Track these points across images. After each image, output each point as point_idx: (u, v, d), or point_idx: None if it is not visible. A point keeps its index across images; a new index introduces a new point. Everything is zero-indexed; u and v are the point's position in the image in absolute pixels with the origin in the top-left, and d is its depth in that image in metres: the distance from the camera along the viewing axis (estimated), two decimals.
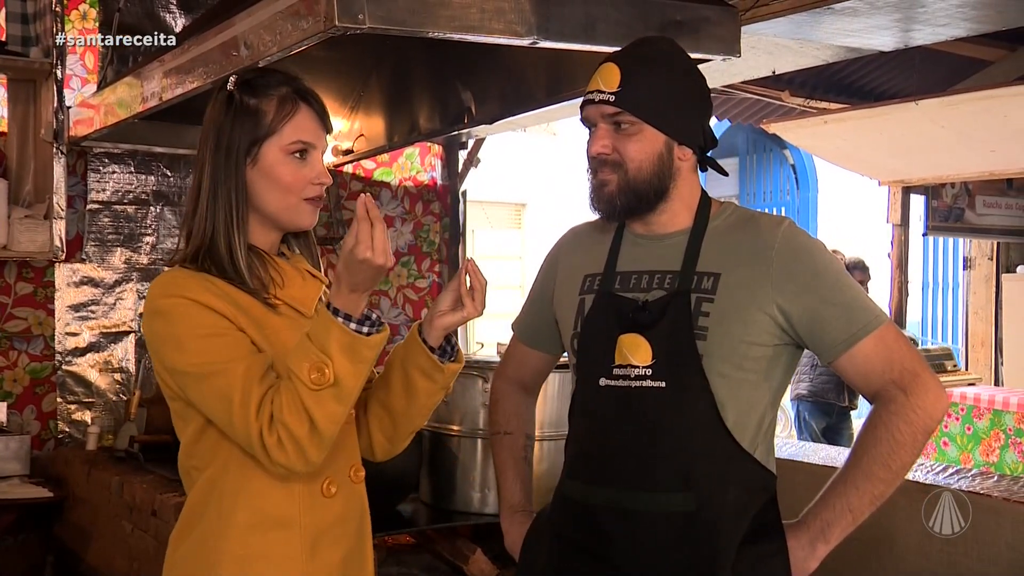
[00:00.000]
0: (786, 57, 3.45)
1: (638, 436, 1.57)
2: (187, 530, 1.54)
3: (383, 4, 1.93)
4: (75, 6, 3.82)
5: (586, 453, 1.65)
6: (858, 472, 1.56)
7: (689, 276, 1.58)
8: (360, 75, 3.64)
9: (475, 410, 2.68)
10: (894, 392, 1.56)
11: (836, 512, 1.57)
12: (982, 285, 7.40)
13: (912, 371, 1.56)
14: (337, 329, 1.39)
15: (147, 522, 2.97)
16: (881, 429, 1.56)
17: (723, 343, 1.54)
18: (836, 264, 1.61)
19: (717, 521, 1.54)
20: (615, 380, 1.59)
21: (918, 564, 2.15)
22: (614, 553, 1.57)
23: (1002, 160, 5.34)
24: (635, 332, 1.58)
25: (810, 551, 1.57)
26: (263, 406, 1.40)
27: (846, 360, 1.57)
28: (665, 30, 2.18)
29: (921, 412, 1.55)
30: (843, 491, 1.57)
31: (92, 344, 3.91)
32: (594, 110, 1.60)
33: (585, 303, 1.68)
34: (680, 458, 1.55)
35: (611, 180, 1.60)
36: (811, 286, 1.56)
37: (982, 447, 5.48)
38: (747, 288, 1.56)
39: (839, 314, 1.56)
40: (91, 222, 3.91)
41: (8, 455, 3.50)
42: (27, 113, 3.71)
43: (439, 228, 4.75)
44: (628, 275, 1.65)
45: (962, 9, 2.83)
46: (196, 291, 1.45)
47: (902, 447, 1.55)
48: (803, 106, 5.91)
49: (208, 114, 1.55)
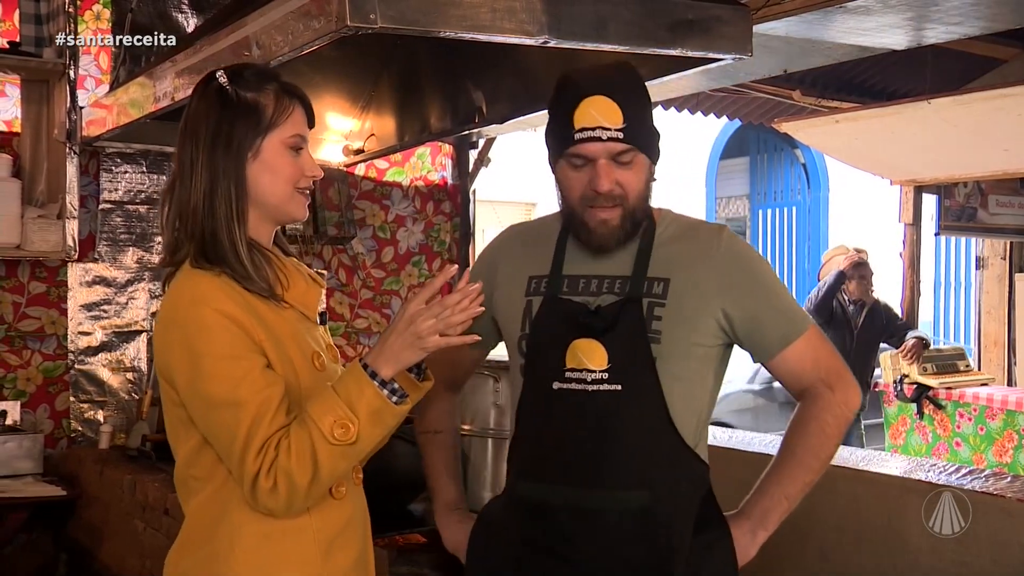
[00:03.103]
0: (798, 56, 3.45)
1: (593, 437, 1.62)
2: (192, 547, 1.50)
3: (394, 4, 1.93)
4: (88, 6, 3.84)
5: (541, 454, 1.68)
6: (792, 462, 1.68)
7: (640, 281, 1.64)
8: (371, 75, 3.65)
9: (486, 409, 2.68)
10: (821, 389, 1.69)
11: (774, 500, 1.67)
12: (995, 285, 7.36)
13: (836, 369, 1.70)
14: (371, 391, 1.40)
15: (159, 521, 2.98)
16: (812, 423, 1.68)
17: (675, 346, 1.62)
18: (771, 271, 1.74)
19: (671, 515, 1.62)
20: (568, 383, 1.63)
21: (930, 564, 2.14)
22: (573, 551, 1.61)
23: (1015, 159, 5.31)
24: (589, 337, 1.62)
25: (751, 538, 1.66)
26: (266, 449, 1.38)
27: (779, 360, 1.69)
28: (676, 30, 2.18)
29: (844, 407, 1.69)
30: (778, 480, 1.68)
31: (104, 343, 3.93)
32: (599, 148, 1.59)
33: (532, 305, 1.70)
34: (635, 457, 1.61)
35: (613, 216, 1.63)
36: (752, 291, 1.66)
37: (995, 448, 5.45)
38: (696, 292, 1.63)
39: (775, 317, 1.68)
40: (103, 222, 3.92)
41: (21, 454, 3.52)
42: (40, 113, 3.72)
43: (450, 228, 4.76)
44: (576, 279, 1.68)
45: (975, 7, 2.81)
46: (219, 299, 1.43)
47: (830, 438, 1.69)
48: (814, 105, 5.89)
49: (195, 108, 1.52)
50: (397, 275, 4.63)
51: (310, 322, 1.57)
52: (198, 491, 1.50)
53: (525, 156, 9.07)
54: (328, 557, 1.50)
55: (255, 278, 1.47)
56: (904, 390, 5.72)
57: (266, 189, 1.51)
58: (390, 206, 4.61)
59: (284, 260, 1.56)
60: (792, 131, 5.63)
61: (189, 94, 2.66)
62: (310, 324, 1.57)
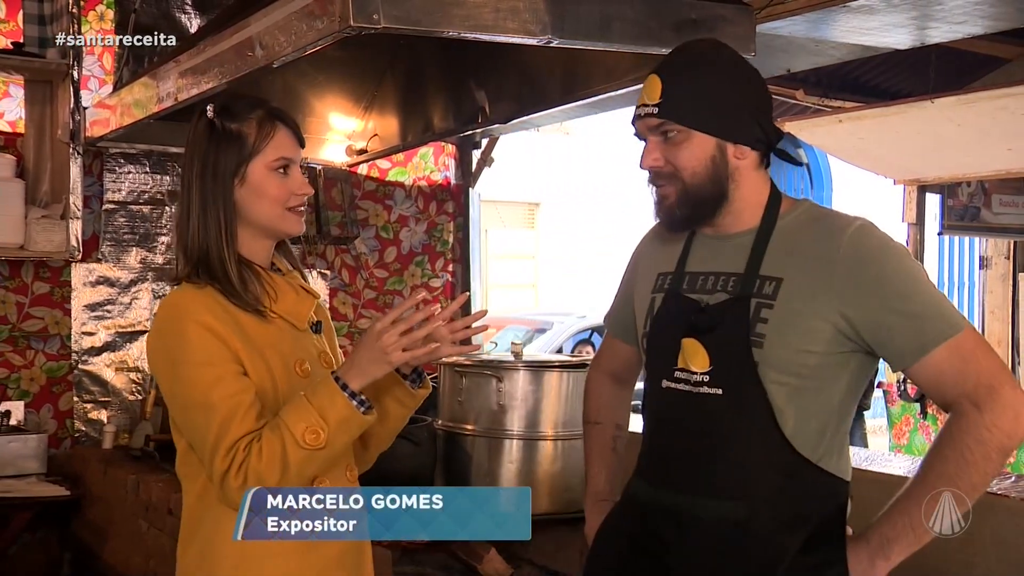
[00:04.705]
0: (801, 56, 3.43)
1: (697, 441, 1.56)
2: (189, 537, 1.63)
3: (398, 4, 1.94)
4: (92, 7, 3.84)
5: (650, 454, 1.66)
6: (923, 490, 1.49)
7: (751, 280, 1.55)
8: (374, 75, 3.65)
9: (489, 410, 2.68)
10: (966, 407, 1.47)
11: (898, 529, 1.51)
12: (999, 284, 7.35)
13: (988, 385, 1.46)
14: (342, 401, 1.51)
15: (163, 520, 2.99)
16: (949, 447, 1.49)
17: (780, 351, 1.51)
18: (908, 269, 1.52)
19: (771, 531, 1.52)
20: (676, 383, 1.59)
21: (935, 564, 2.13)
22: (670, 556, 1.57)
23: (1019, 159, 5.29)
24: (694, 336, 1.57)
25: (869, 566, 1.52)
26: (236, 450, 1.49)
27: (916, 370, 1.51)
28: (680, 29, 2.18)
29: (996, 431, 1.46)
30: (906, 508, 1.51)
31: (108, 343, 3.93)
32: (641, 124, 1.59)
33: (655, 302, 1.67)
34: (735, 465, 1.54)
35: (670, 192, 1.59)
36: (876, 293, 1.49)
37: None
38: (808, 295, 1.51)
39: (906, 323, 1.49)
40: (107, 222, 3.93)
41: (26, 454, 3.53)
42: (44, 114, 3.73)
43: (453, 228, 4.76)
44: (696, 275, 1.63)
45: (979, 6, 2.81)
46: (199, 311, 1.55)
47: (972, 466, 1.47)
48: (818, 104, 5.88)
49: (190, 140, 1.66)
50: (400, 275, 4.63)
51: (300, 331, 1.66)
52: (188, 490, 1.63)
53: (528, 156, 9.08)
54: (310, 548, 1.56)
55: (241, 293, 1.59)
56: (908, 390, 5.72)
57: (256, 211, 1.62)
58: (393, 206, 4.61)
59: (273, 276, 1.66)
60: (795, 130, 5.62)
61: (193, 94, 2.67)
62: (300, 333, 1.66)
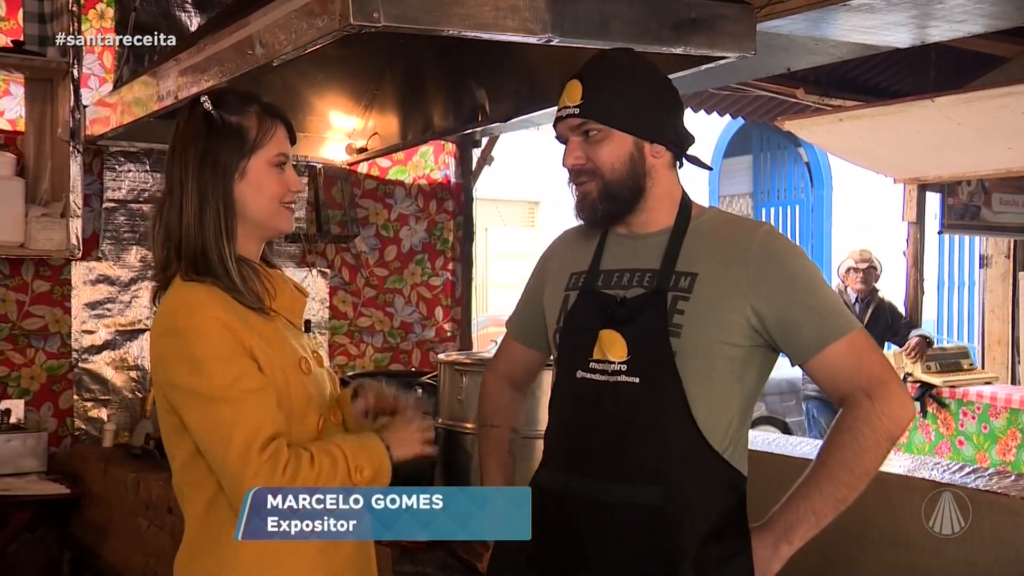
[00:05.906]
0: (801, 54, 3.44)
1: (611, 429, 1.62)
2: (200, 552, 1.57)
3: (398, 3, 1.94)
4: (92, 5, 3.85)
5: (562, 443, 1.70)
6: (822, 475, 1.59)
7: (668, 275, 1.63)
8: (374, 73, 3.65)
9: None
10: (860, 398, 1.58)
11: (800, 514, 1.59)
12: (999, 283, 7.35)
13: (880, 378, 1.59)
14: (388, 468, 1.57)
15: (163, 519, 2.99)
16: (846, 434, 1.58)
17: (697, 342, 1.58)
18: (812, 269, 1.65)
19: (682, 515, 1.58)
20: (591, 373, 1.64)
21: (933, 563, 2.14)
22: (585, 543, 1.62)
23: (1019, 157, 5.30)
24: (613, 328, 1.63)
25: (773, 552, 1.60)
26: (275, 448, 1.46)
27: (816, 363, 1.61)
28: (680, 28, 2.18)
29: (886, 419, 1.57)
30: (807, 493, 1.60)
31: (108, 342, 3.93)
32: (563, 126, 1.66)
33: (569, 299, 1.72)
34: (650, 452, 1.60)
35: (591, 189, 1.66)
36: (785, 289, 1.60)
37: (999, 446, 5.44)
38: (723, 289, 1.60)
39: (811, 318, 1.59)
40: (107, 220, 3.93)
41: (25, 452, 3.53)
42: (44, 112, 3.73)
43: (453, 226, 4.76)
44: (611, 273, 1.70)
45: (980, 5, 2.81)
46: (215, 307, 1.51)
47: (866, 452, 1.57)
48: (818, 103, 5.88)
49: (182, 132, 1.61)
50: (400, 273, 4.63)
51: (295, 329, 1.66)
52: (194, 499, 1.57)
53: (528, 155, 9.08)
54: (328, 549, 1.55)
55: (244, 291, 1.56)
56: (907, 388, 5.72)
57: (253, 206, 1.60)
58: (393, 205, 4.61)
59: (271, 272, 1.65)
60: (795, 129, 5.62)
61: (193, 92, 2.67)
62: (295, 331, 1.66)
